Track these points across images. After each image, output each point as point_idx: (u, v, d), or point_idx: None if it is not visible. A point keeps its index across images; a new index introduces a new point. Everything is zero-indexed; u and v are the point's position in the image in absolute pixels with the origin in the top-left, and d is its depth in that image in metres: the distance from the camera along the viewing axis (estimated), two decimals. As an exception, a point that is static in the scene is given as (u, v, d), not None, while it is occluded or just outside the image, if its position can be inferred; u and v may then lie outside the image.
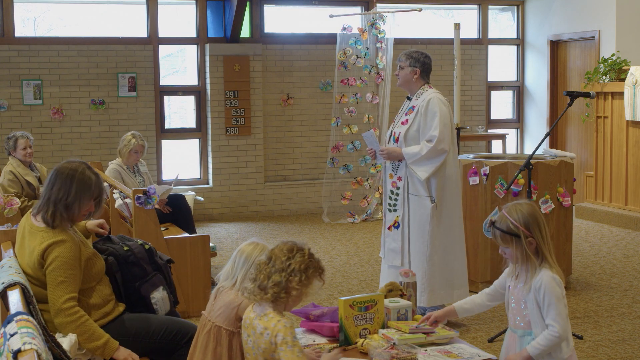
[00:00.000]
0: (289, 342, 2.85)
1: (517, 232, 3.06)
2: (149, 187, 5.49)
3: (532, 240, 3.06)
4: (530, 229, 3.05)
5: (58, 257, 3.46)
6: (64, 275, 3.45)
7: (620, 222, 8.99)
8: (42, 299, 3.51)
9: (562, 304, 3.03)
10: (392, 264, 5.36)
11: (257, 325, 2.94)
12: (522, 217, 3.06)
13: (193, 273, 5.53)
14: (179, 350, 3.69)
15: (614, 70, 9.29)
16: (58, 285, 3.43)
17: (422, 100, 5.20)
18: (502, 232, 3.10)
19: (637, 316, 5.66)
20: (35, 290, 3.49)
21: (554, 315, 3.01)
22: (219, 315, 3.28)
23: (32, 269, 3.53)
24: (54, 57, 9.28)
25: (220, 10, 10.02)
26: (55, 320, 3.43)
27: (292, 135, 10.31)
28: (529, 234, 3.05)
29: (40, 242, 3.51)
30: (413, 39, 10.59)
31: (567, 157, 6.45)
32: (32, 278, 3.53)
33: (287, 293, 2.91)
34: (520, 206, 3.11)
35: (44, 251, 3.48)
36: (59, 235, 3.52)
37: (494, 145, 11.17)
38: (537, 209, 3.11)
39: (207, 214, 9.79)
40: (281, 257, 2.93)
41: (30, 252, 3.54)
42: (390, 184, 5.35)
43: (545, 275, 3.05)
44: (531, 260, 3.07)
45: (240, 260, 3.33)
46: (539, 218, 3.08)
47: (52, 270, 3.45)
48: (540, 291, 3.04)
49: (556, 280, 3.05)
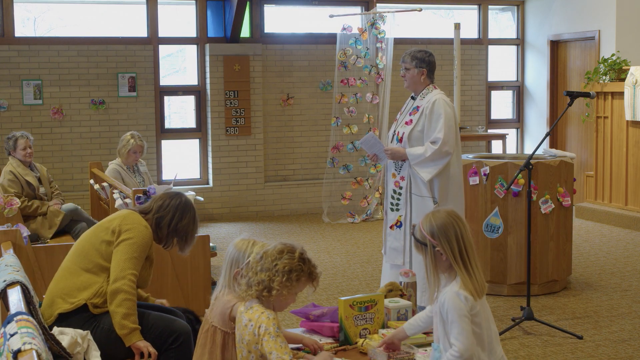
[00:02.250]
0: (271, 332, 2.88)
1: (425, 242, 2.93)
2: (149, 187, 5.48)
3: (440, 251, 2.90)
4: (439, 239, 2.89)
5: (137, 236, 3.68)
6: (137, 253, 3.65)
7: (620, 222, 8.99)
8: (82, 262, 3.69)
9: (464, 321, 2.81)
10: (394, 263, 5.36)
11: (242, 318, 2.99)
12: (431, 226, 2.92)
13: (193, 273, 5.53)
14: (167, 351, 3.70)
15: (614, 70, 9.29)
16: (130, 259, 3.63)
17: (427, 102, 5.19)
18: (414, 239, 2.99)
19: (637, 316, 5.66)
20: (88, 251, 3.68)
21: (455, 333, 2.83)
22: (216, 315, 3.31)
23: (99, 228, 3.75)
24: (54, 57, 9.28)
25: (220, 10, 10.02)
26: (114, 285, 3.57)
27: (292, 135, 10.31)
28: (436, 243, 2.90)
29: (126, 216, 3.75)
30: (413, 39, 10.59)
31: (567, 157, 6.44)
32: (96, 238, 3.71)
33: (269, 292, 2.95)
34: (436, 214, 2.96)
35: (129, 225, 3.69)
36: (143, 221, 3.77)
37: (494, 145, 11.16)
38: (455, 220, 2.93)
39: (207, 214, 9.79)
40: (271, 257, 2.99)
41: (111, 218, 3.78)
42: (393, 184, 5.35)
43: (450, 291, 2.87)
44: (441, 272, 2.93)
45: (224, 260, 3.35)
46: (450, 229, 2.89)
47: (128, 244, 3.64)
48: (444, 307, 2.87)
49: (460, 296, 2.84)
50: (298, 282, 2.98)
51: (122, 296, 3.56)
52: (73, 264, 3.73)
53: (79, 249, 3.76)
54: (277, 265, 2.95)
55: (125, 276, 3.58)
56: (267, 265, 2.97)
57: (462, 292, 2.85)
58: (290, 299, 3.01)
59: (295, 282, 2.97)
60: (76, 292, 3.64)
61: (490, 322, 2.94)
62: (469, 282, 2.87)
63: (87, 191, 8.22)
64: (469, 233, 2.94)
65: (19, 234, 4.45)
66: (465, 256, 2.89)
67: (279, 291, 2.94)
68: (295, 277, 2.96)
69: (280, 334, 2.90)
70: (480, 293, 2.88)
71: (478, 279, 2.89)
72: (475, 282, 2.88)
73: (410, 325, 3.25)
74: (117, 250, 3.64)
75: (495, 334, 2.95)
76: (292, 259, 2.97)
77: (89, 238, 3.77)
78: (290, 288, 2.97)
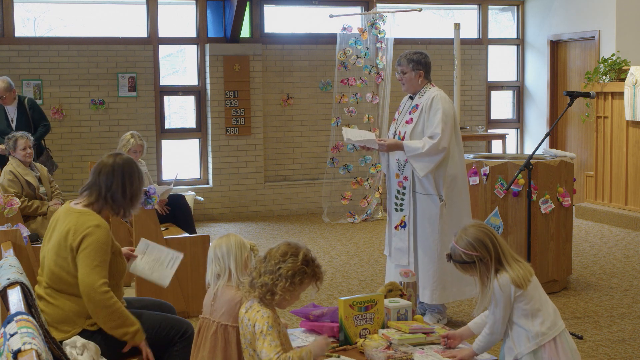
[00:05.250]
0: (264, 331, 2.91)
1: (472, 259, 3.19)
2: (149, 187, 5.48)
3: (485, 260, 3.19)
4: (480, 250, 3.18)
5: (95, 241, 3.49)
6: (99, 259, 3.48)
7: (620, 222, 8.99)
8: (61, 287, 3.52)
9: (501, 306, 3.19)
10: (399, 264, 5.36)
11: (244, 318, 3.02)
12: (469, 243, 3.19)
13: (193, 273, 5.54)
14: (173, 345, 3.70)
15: (614, 70, 9.29)
16: (94, 269, 3.45)
17: (426, 99, 5.20)
18: (458, 264, 3.24)
19: (637, 316, 5.66)
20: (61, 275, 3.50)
21: (496, 315, 3.21)
22: (223, 313, 3.28)
23: (62, 249, 3.53)
24: (54, 57, 9.28)
25: (220, 10, 10.02)
26: (89, 305, 3.45)
27: (292, 135, 10.31)
28: (482, 255, 3.19)
29: (74, 227, 3.53)
30: (413, 39, 10.60)
31: (567, 157, 6.45)
32: (62, 261, 3.53)
33: (272, 295, 2.96)
34: (466, 231, 3.23)
35: (81, 233, 3.50)
36: (93, 219, 3.57)
37: (494, 145, 11.16)
38: (484, 228, 3.25)
39: (207, 214, 9.79)
40: (274, 259, 2.99)
41: (65, 231, 3.55)
42: (396, 184, 5.34)
43: (501, 280, 3.19)
44: (489, 279, 3.22)
45: (222, 253, 3.32)
46: (485, 238, 3.20)
47: (87, 253, 3.47)
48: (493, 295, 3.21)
49: (506, 283, 3.18)
50: (301, 285, 3.00)
51: (103, 313, 3.45)
52: (51, 290, 3.59)
53: (51, 272, 3.57)
54: (281, 269, 2.96)
55: (96, 289, 3.43)
56: (270, 267, 2.97)
57: (504, 277, 3.17)
58: (293, 299, 3.02)
59: (298, 286, 2.99)
60: (69, 323, 3.54)
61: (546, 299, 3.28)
62: (516, 268, 3.21)
63: (87, 191, 8.21)
64: (497, 235, 3.27)
65: (19, 234, 4.44)
66: (502, 256, 3.20)
67: (282, 295, 2.96)
68: (299, 281, 2.97)
69: (272, 332, 2.92)
70: (524, 283, 3.19)
71: (518, 272, 3.20)
72: (516, 274, 3.18)
73: (476, 324, 3.43)
74: (80, 264, 3.48)
75: (553, 308, 3.30)
76: (295, 262, 2.97)
77: (57, 261, 3.56)
78: (294, 292, 2.99)
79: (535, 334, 3.19)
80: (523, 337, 3.20)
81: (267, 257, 3.01)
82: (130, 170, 3.71)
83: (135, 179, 3.72)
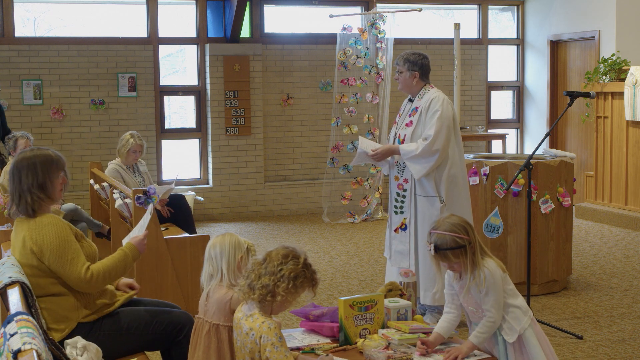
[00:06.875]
0: (275, 342, 2.89)
1: (463, 243, 3.24)
2: (149, 187, 5.48)
3: (473, 244, 3.28)
4: (468, 234, 3.27)
5: (55, 239, 3.45)
6: (70, 253, 3.46)
7: (620, 222, 8.99)
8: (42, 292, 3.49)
9: (496, 290, 3.26)
10: (400, 267, 5.34)
11: (243, 325, 2.99)
12: (456, 227, 3.26)
13: (193, 273, 5.53)
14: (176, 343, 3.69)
15: (614, 70, 9.29)
16: (71, 264, 3.45)
17: (425, 101, 5.19)
18: (452, 249, 3.25)
19: (637, 316, 5.66)
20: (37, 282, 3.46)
21: (491, 302, 3.27)
22: (214, 313, 3.30)
23: (25, 258, 3.49)
24: (54, 57, 9.28)
25: (220, 10, 10.02)
26: (87, 287, 3.50)
27: (292, 135, 10.31)
28: (469, 238, 3.26)
29: (28, 232, 3.48)
30: (413, 39, 10.60)
31: (567, 157, 6.44)
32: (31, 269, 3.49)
33: (273, 297, 2.96)
34: (447, 220, 3.31)
35: (35, 242, 3.45)
36: (43, 219, 3.52)
37: (494, 145, 11.17)
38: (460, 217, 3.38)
39: (207, 214, 9.79)
40: (275, 261, 2.98)
41: (22, 243, 3.50)
42: (396, 187, 5.33)
43: (489, 265, 3.28)
44: (477, 260, 3.28)
45: (216, 253, 3.35)
46: (466, 225, 3.30)
47: (58, 255, 3.44)
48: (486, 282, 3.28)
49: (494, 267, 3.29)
50: (301, 288, 3.00)
51: (106, 283, 3.56)
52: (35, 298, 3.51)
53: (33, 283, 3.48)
54: (283, 270, 2.95)
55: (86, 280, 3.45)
56: (271, 269, 2.96)
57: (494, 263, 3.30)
58: (290, 303, 3.02)
59: (299, 289, 2.98)
60: (63, 321, 3.52)
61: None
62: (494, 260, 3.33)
63: (87, 191, 8.22)
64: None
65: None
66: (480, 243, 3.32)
67: (283, 297, 2.95)
68: (300, 284, 2.97)
69: (283, 342, 2.92)
70: (503, 266, 3.34)
71: (494, 257, 3.36)
72: (495, 259, 3.34)
73: (444, 329, 3.42)
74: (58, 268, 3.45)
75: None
76: (297, 265, 2.97)
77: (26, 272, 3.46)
78: (295, 294, 2.98)
79: (526, 309, 3.34)
80: (518, 313, 3.32)
81: (266, 260, 3.00)
82: (20, 166, 3.58)
83: (24, 174, 3.54)
